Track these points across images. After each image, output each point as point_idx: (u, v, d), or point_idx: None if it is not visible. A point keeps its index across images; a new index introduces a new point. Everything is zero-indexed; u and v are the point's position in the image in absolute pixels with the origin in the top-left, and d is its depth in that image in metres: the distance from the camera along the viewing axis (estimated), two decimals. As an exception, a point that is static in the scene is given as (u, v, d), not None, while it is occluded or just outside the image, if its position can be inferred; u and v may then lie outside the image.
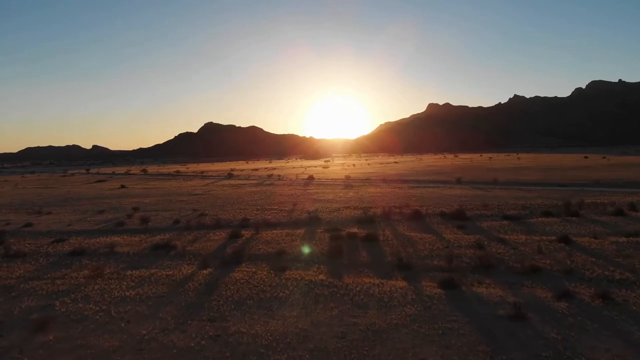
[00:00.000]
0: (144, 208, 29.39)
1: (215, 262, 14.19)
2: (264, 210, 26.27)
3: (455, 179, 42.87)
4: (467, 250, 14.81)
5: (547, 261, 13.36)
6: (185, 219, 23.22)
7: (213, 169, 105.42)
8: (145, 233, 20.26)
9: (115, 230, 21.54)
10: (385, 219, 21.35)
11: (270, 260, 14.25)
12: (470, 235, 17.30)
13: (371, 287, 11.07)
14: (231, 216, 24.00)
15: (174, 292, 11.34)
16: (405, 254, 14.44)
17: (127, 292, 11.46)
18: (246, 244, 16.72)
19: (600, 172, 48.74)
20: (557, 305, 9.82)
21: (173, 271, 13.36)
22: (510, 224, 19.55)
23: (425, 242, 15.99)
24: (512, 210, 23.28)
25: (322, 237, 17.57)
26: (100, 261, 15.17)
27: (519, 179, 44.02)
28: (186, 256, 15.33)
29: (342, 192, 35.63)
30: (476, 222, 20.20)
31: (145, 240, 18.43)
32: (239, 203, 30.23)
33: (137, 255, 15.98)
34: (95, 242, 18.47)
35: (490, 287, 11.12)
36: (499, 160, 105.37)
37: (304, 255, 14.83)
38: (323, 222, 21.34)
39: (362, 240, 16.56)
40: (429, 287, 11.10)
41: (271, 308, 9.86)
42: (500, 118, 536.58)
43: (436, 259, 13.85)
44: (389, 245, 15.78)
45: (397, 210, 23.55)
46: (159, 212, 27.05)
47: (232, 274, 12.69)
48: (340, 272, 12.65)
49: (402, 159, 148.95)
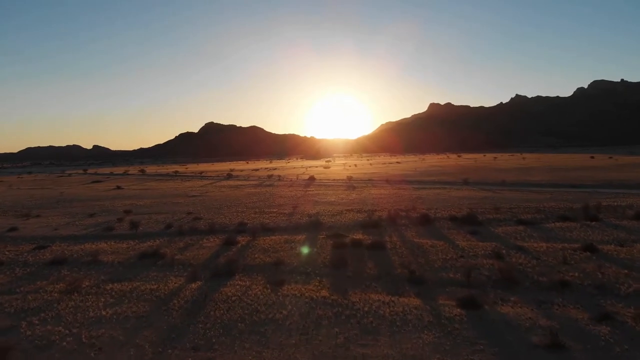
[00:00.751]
0: (137, 210, 28.01)
1: (206, 273, 12.81)
2: (263, 213, 24.87)
3: (461, 180, 41.43)
4: (484, 260, 13.40)
5: (575, 274, 11.98)
6: (178, 223, 21.84)
7: (213, 169, 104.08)
8: (135, 239, 18.89)
9: (103, 235, 20.15)
10: (392, 224, 19.94)
11: (267, 271, 12.86)
12: (486, 242, 15.90)
13: (381, 306, 9.68)
14: (227, 220, 22.61)
15: (156, 311, 9.95)
16: (417, 264, 13.04)
17: (104, 311, 10.08)
18: (241, 252, 15.32)
19: (611, 173, 47.27)
20: (597, 329, 8.44)
21: (158, 284, 11.97)
22: (526, 230, 18.14)
23: (437, 251, 14.58)
24: (526, 213, 21.87)
25: (324, 244, 16.17)
26: (81, 272, 13.81)
27: (527, 179, 42.58)
28: (175, 266, 13.95)
29: (344, 194, 34.22)
30: (489, 228, 18.79)
31: (133, 248, 17.04)
32: (237, 205, 28.83)
33: (121, 265, 14.59)
34: (79, 250, 17.09)
35: (517, 307, 9.73)
36: (504, 160, 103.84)
37: (304, 265, 13.42)
38: (325, 226, 19.95)
39: (368, 248, 15.16)
40: (447, 306, 9.70)
41: (265, 334, 8.47)
42: (501, 118, 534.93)
43: (451, 270, 12.44)
44: (397, 254, 14.37)
45: (404, 214, 22.15)
46: (152, 215, 25.67)
47: (223, 288, 11.29)
48: (344, 286, 11.24)
49: (404, 159, 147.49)
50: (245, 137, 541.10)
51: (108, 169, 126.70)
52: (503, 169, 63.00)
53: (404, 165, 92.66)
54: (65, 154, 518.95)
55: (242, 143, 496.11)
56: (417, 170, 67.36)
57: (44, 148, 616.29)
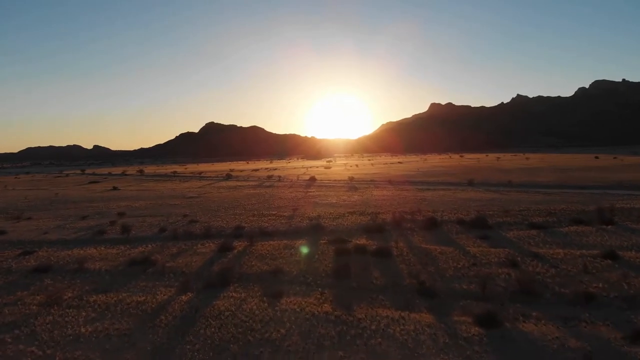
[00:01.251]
0: (132, 213, 27.04)
1: (199, 283, 11.83)
2: (261, 216, 23.89)
3: (466, 181, 40.41)
4: (499, 269, 12.41)
5: (599, 284, 11.01)
6: (173, 227, 20.87)
7: (212, 169, 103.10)
8: (126, 244, 17.92)
9: (93, 240, 19.18)
10: (397, 227, 18.95)
11: (264, 281, 11.89)
12: (498, 248, 14.91)
13: (390, 323, 8.70)
14: (224, 223, 21.63)
15: (141, 328, 8.99)
16: (426, 274, 12.06)
17: (83, 328, 9.11)
18: (237, 259, 14.35)
19: (618, 174, 46.25)
20: (633, 351, 7.48)
21: (146, 296, 11.00)
22: (539, 234, 17.14)
23: (448, 258, 13.59)
24: (537, 217, 20.88)
25: (326, 250, 15.18)
26: (65, 281, 12.86)
27: (533, 180, 41.56)
28: (165, 275, 12.98)
29: (346, 195, 33.23)
30: (500, 232, 17.80)
31: (123, 254, 16.07)
32: (235, 207, 27.84)
33: (109, 273, 13.62)
34: (66, 256, 16.12)
35: (540, 324, 8.75)
36: (507, 160, 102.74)
37: (305, 274, 12.44)
38: (326, 230, 18.97)
39: (373, 254, 14.18)
40: (464, 323, 8.72)
41: (261, 357, 7.49)
42: (502, 118, 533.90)
43: (464, 281, 11.46)
44: (405, 261, 13.39)
45: (409, 217, 21.15)
46: (147, 218, 24.69)
47: (216, 301, 10.32)
48: (349, 299, 10.27)
49: (405, 159, 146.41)
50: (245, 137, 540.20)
51: (107, 170, 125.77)
52: (507, 170, 61.96)
53: (406, 165, 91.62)
54: (65, 154, 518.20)
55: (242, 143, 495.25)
56: (419, 171, 66.35)
57: (44, 148, 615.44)
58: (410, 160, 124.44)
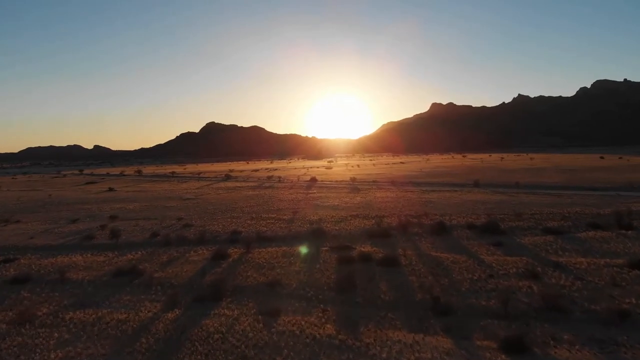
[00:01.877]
0: (125, 216, 25.92)
1: (188, 298, 10.72)
2: (260, 219, 22.75)
3: (472, 182, 39.21)
4: (519, 281, 11.27)
5: (631, 300, 9.91)
6: (166, 232, 19.75)
7: (212, 169, 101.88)
8: (114, 250, 16.81)
9: (80, 245, 18.08)
10: (403, 233, 17.81)
11: (260, 295, 10.77)
12: (514, 256, 13.77)
13: (403, 350, 7.56)
14: (220, 227, 20.50)
15: (118, 353, 7.87)
16: (439, 287, 10.93)
17: (53, 353, 8.02)
18: (232, 268, 13.22)
19: (627, 174, 45.04)
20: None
21: (128, 314, 9.88)
22: (556, 240, 15.99)
23: (461, 268, 12.45)
24: (551, 221, 19.73)
25: (328, 258, 14.05)
26: (43, 294, 11.76)
27: (540, 181, 40.36)
28: (153, 287, 11.86)
29: (348, 197, 32.07)
30: (514, 238, 16.66)
31: (110, 262, 14.95)
32: (232, 210, 26.70)
33: (92, 284, 12.50)
34: (49, 264, 15.01)
35: (574, 349, 7.64)
36: (511, 160, 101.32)
37: (305, 287, 11.31)
38: (328, 235, 17.84)
39: (379, 264, 13.04)
40: (488, 349, 7.60)
41: (253, 396, 6.36)
42: (504, 118, 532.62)
43: (482, 295, 10.32)
44: (415, 272, 12.24)
45: (415, 221, 20.02)
46: (139, 221, 23.57)
47: (205, 320, 9.20)
48: (354, 319, 9.14)
49: (407, 159, 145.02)
50: (246, 137, 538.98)
51: (105, 170, 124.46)
52: (512, 170, 60.71)
53: (408, 165, 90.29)
54: (65, 154, 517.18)
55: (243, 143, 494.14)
56: (422, 171, 65.13)
57: (44, 148, 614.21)
58: (412, 161, 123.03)
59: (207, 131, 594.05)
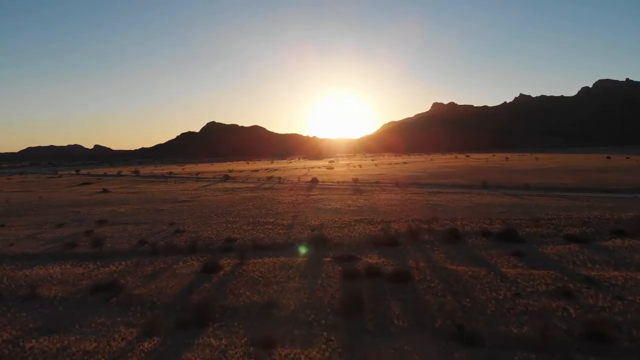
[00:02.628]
0: (115, 220, 24.45)
1: (170, 321, 9.24)
2: (257, 224, 21.27)
3: (479, 183, 37.70)
4: (550, 301, 9.79)
5: (688, 326, 8.40)
6: (155, 239, 18.28)
7: (211, 170, 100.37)
8: (97, 260, 15.34)
9: (61, 254, 16.61)
10: (413, 240, 16.33)
11: (253, 319, 9.29)
12: (540, 269, 12.30)
13: (427, 400, 6.07)
14: (214, 234, 19.01)
15: (76, 401, 6.39)
16: (460, 308, 9.45)
17: (-2, 398, 6.53)
18: (223, 284, 11.73)
19: (639, 175, 43.54)
20: None
21: (99, 342, 8.42)
22: (582, 250, 14.51)
23: (483, 285, 10.97)
24: (571, 227, 18.24)
25: (331, 271, 12.56)
26: (8, 314, 10.32)
27: (550, 182, 38.82)
28: (132, 307, 10.39)
29: (351, 199, 30.57)
30: (535, 246, 15.17)
31: (89, 275, 13.48)
32: (228, 214, 25.20)
33: (64, 302, 11.04)
34: (23, 276, 13.55)
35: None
36: (516, 160, 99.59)
37: (305, 308, 9.83)
38: (331, 243, 16.36)
39: (390, 279, 11.55)
40: (532, 399, 6.10)
41: None
42: (505, 117, 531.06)
43: (513, 320, 8.83)
44: (430, 289, 10.75)
45: (425, 227, 18.53)
46: (129, 226, 22.10)
47: (187, 353, 7.74)
48: (364, 351, 7.66)
49: (410, 159, 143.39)
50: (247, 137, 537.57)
51: (103, 170, 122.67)
52: (519, 170, 59.10)
53: (411, 165, 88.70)
54: (66, 153, 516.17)
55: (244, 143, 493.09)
56: (426, 172, 63.60)
57: (44, 148, 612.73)
58: (414, 161, 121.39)
59: (207, 131, 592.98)
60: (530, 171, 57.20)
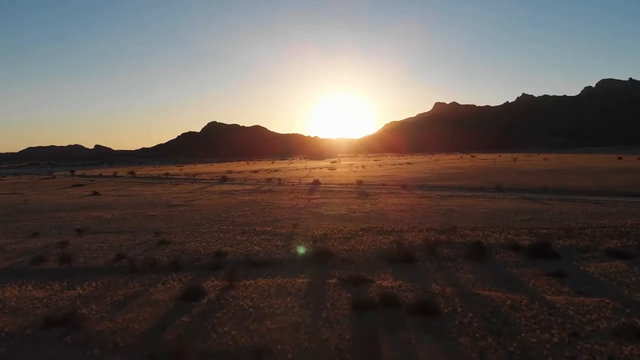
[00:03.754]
0: (97, 228, 22.30)
1: (130, 376, 7.06)
2: (252, 233, 19.09)
3: (493, 186, 35.42)
4: (620, 345, 7.60)
5: None
6: (135, 252, 16.11)
7: (209, 170, 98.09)
8: (64, 279, 13.17)
9: (25, 271, 14.45)
10: (431, 255, 14.15)
11: (239, 374, 7.10)
12: (590, 296, 10.11)
13: None
14: (202, 246, 16.81)
15: None
16: (508, 357, 7.24)
17: None
18: (204, 318, 9.53)
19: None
20: None
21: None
22: (631, 269, 12.33)
23: (528, 319, 8.76)
24: (609, 238, 16.05)
25: (338, 299, 10.36)
26: None
27: (568, 185, 36.51)
28: (88, 349, 8.24)
29: (356, 204, 28.37)
30: (575, 264, 12.97)
31: (49, 300, 11.30)
32: (222, 221, 23.01)
33: (6, 342, 8.87)
34: (-30, 301, 11.35)
35: None
36: (524, 161, 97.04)
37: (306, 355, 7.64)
38: (336, 259, 14.18)
39: (411, 311, 9.35)
40: None
41: None
42: (508, 117, 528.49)
43: (583, 380, 6.62)
44: (464, 327, 8.54)
45: (443, 238, 16.33)
46: (110, 235, 19.93)
47: None
48: None
49: (413, 159, 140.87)
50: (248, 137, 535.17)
51: (100, 171, 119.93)
52: (530, 172, 56.66)
53: (416, 166, 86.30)
54: (66, 154, 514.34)
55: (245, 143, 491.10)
56: (433, 173, 61.30)
57: (45, 148, 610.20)
58: (419, 161, 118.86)
59: (208, 131, 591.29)
60: (542, 172, 54.86)
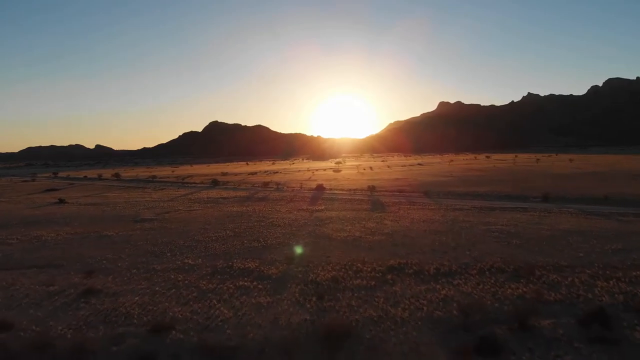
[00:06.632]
0: (16, 259, 16.19)
1: None
2: (226, 276, 12.85)
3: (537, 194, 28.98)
4: None
5: None
6: (30, 318, 9.95)
7: (203, 172, 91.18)
8: None
9: None
10: (522, 332, 7.97)
11: None
12: None
13: None
14: (141, 303, 10.56)
15: None
16: None
17: None
18: None
19: None
20: None
21: None
22: None
23: None
24: None
25: None
26: None
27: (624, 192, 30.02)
28: None
29: (373, 220, 22.03)
30: None
31: None
32: (191, 249, 16.69)
33: None
34: None
35: None
36: (548, 162, 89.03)
37: None
38: (359, 345, 8.04)
39: None
40: None
41: None
42: (513, 116, 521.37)
43: None
44: None
45: (528, 292, 10.12)
46: (25, 274, 13.76)
47: None
48: None
49: (423, 159, 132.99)
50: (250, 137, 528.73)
51: (89, 172, 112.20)
52: (568, 176, 49.41)
53: (429, 168, 78.75)
54: (66, 153, 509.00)
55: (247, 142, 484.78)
56: (453, 176, 54.46)
57: (45, 148, 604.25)
58: (430, 162, 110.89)
59: (210, 130, 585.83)
60: (581, 176, 48.11)
